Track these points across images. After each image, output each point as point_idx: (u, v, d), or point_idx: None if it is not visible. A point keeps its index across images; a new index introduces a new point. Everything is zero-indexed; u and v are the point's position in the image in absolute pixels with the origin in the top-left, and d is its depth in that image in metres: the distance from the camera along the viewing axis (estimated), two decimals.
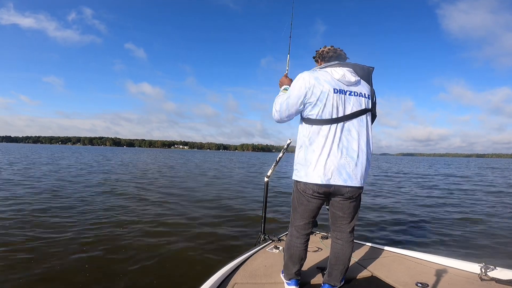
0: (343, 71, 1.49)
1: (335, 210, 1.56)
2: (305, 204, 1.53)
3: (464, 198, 7.76)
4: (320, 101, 1.43)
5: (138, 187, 8.45)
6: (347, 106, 1.45)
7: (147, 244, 3.50)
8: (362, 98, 1.50)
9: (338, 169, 1.41)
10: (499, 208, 6.31)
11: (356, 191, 1.48)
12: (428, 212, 5.82)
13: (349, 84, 1.49)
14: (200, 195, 7.26)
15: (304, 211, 1.55)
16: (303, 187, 1.49)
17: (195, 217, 4.97)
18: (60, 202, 5.67)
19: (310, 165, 1.44)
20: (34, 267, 2.73)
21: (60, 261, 2.90)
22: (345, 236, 1.58)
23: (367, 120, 1.52)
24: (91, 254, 3.13)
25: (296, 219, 1.60)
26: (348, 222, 1.57)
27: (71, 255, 3.07)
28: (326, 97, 1.42)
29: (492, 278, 1.63)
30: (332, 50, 1.60)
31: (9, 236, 3.56)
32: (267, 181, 2.39)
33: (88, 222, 4.34)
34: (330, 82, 1.45)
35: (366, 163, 1.48)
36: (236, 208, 5.87)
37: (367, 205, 6.33)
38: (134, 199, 6.42)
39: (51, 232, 3.76)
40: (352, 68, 1.54)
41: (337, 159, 1.41)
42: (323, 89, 1.43)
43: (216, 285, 1.57)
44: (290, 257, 1.61)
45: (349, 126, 1.46)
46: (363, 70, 1.56)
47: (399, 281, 1.68)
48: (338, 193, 1.47)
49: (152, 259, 3.05)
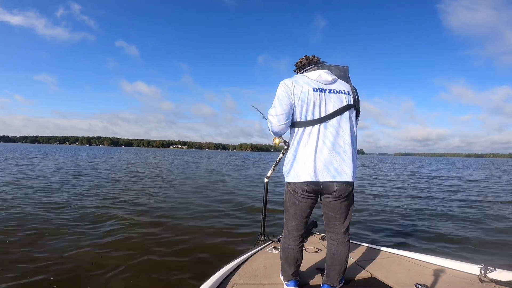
0: (319, 72, 1.59)
1: (327, 210, 1.59)
2: (296, 204, 1.56)
3: (464, 198, 7.78)
4: (302, 101, 1.50)
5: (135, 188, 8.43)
6: (328, 103, 1.52)
7: (144, 246, 3.49)
8: (342, 94, 1.55)
9: (326, 165, 1.46)
10: (498, 209, 6.34)
11: (345, 188, 1.50)
12: (428, 212, 5.83)
13: (326, 82, 1.56)
14: (199, 194, 7.27)
15: (295, 212, 1.59)
16: (293, 187, 1.54)
17: (195, 217, 4.96)
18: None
19: (299, 165, 1.49)
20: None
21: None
22: (339, 237, 1.60)
23: (351, 117, 1.55)
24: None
25: (288, 220, 1.64)
26: (341, 223, 1.59)
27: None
28: (307, 96, 1.50)
29: (491, 280, 1.63)
30: (308, 59, 1.72)
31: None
32: (266, 182, 2.39)
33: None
34: (308, 83, 1.54)
35: (353, 158, 1.51)
36: (235, 208, 5.86)
37: (368, 205, 6.35)
38: (129, 203, 6.40)
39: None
40: (327, 69, 1.63)
41: (323, 156, 1.46)
42: (302, 89, 1.51)
43: (216, 286, 1.57)
44: (285, 259, 1.63)
45: (333, 123, 1.50)
46: (338, 69, 1.65)
47: (399, 282, 1.68)
48: (327, 191, 1.50)
49: (152, 259, 3.04)
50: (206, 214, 5.17)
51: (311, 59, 1.71)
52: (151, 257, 3.10)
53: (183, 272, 2.78)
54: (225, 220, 4.82)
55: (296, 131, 1.54)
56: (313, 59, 1.71)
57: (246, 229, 4.31)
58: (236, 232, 4.18)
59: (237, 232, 4.18)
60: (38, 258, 2.96)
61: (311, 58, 1.71)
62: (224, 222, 4.71)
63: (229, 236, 3.98)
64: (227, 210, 5.61)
